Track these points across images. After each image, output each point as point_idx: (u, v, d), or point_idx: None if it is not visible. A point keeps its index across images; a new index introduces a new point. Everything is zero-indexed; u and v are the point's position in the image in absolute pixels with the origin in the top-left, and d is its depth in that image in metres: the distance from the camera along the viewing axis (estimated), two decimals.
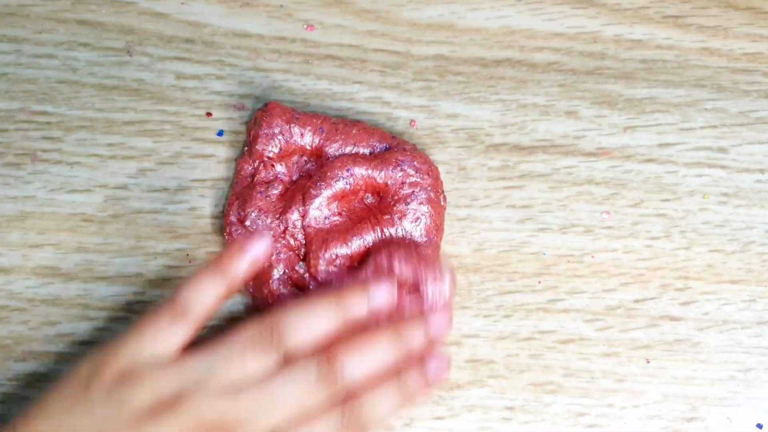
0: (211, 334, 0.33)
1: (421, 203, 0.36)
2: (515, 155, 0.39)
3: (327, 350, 0.31)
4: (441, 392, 0.36)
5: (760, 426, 0.37)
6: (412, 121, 0.39)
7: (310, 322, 0.32)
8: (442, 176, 0.38)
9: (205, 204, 0.38)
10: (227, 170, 0.38)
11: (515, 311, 0.37)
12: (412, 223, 0.36)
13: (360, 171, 0.36)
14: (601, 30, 0.40)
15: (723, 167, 0.39)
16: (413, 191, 0.36)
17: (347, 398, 0.31)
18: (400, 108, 0.39)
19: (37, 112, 0.39)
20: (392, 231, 0.36)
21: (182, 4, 0.40)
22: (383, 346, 0.32)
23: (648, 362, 0.37)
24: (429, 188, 0.36)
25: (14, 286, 0.37)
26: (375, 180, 0.36)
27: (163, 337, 0.31)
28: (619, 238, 0.38)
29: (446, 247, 0.38)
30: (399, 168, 0.36)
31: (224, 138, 0.39)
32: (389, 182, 0.36)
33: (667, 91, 0.40)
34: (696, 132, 0.39)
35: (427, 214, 0.36)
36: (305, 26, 0.40)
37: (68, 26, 0.39)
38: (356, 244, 0.36)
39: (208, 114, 0.39)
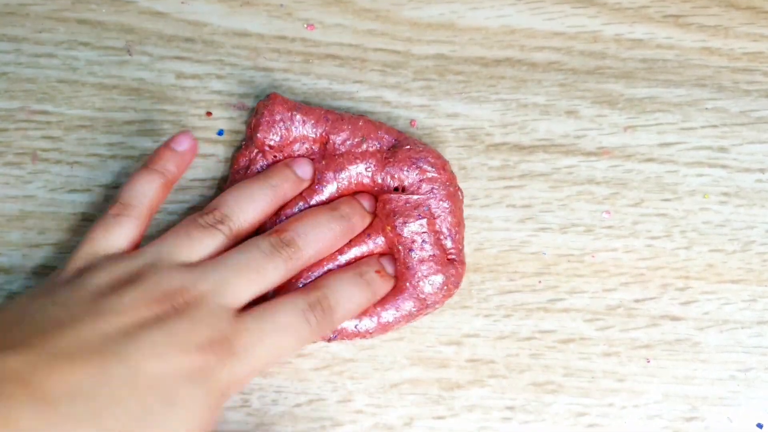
0: None
1: (441, 200, 0.36)
2: (515, 155, 0.39)
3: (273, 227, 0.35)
4: (441, 392, 0.36)
5: (760, 426, 0.37)
6: (412, 120, 0.39)
7: (247, 200, 0.35)
8: None
9: (206, 203, 0.38)
10: (227, 170, 0.38)
11: (515, 311, 0.37)
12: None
13: (367, 173, 0.36)
14: (601, 29, 0.40)
15: (723, 167, 0.39)
16: (432, 188, 0.36)
17: (311, 287, 0.34)
18: (400, 107, 0.39)
19: (36, 112, 0.39)
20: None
21: (182, 3, 0.40)
22: (324, 216, 0.35)
23: (648, 362, 0.37)
24: (447, 183, 0.36)
25: (14, 286, 0.37)
26: (388, 180, 0.36)
27: (112, 233, 0.34)
28: (619, 238, 0.38)
29: None
30: (415, 166, 0.36)
31: (224, 137, 0.38)
32: (406, 183, 0.36)
33: (668, 91, 0.40)
34: (696, 131, 0.39)
35: (447, 210, 0.36)
36: (305, 25, 0.40)
37: (68, 25, 0.39)
38: (369, 248, 0.36)
39: (208, 113, 0.39)
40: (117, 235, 0.34)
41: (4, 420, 0.27)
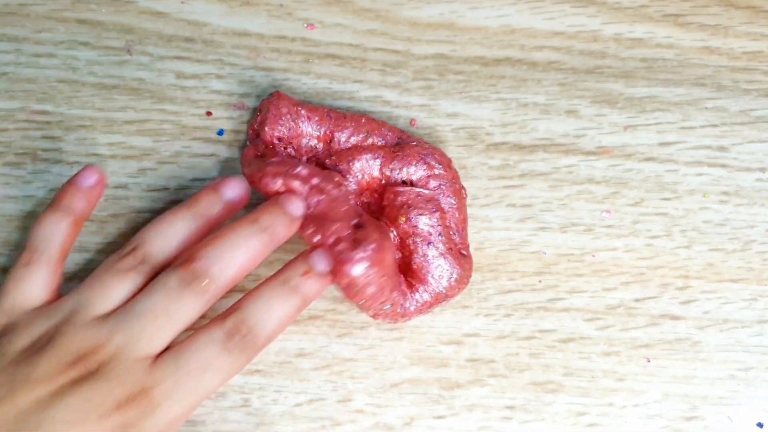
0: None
1: (448, 196, 0.36)
2: (515, 154, 0.39)
3: (186, 254, 0.32)
4: (441, 391, 0.36)
5: (760, 425, 0.37)
6: (412, 120, 0.39)
7: (168, 231, 0.33)
8: None
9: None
10: (228, 170, 0.38)
11: (515, 310, 0.37)
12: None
13: (375, 164, 0.36)
14: (601, 29, 0.40)
15: (723, 166, 0.39)
16: (440, 184, 0.36)
17: (227, 312, 0.32)
18: (400, 107, 0.39)
19: (37, 112, 0.39)
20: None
21: (182, 3, 0.40)
22: (242, 233, 0.32)
23: (648, 361, 0.37)
24: (453, 180, 0.36)
25: None
26: (396, 175, 0.36)
27: (26, 284, 0.33)
28: (619, 237, 0.38)
29: None
30: (423, 161, 0.36)
31: (224, 137, 0.39)
32: (414, 177, 0.36)
33: (668, 90, 0.40)
34: (696, 131, 0.39)
35: (455, 207, 0.36)
36: (305, 25, 0.40)
37: (68, 25, 0.39)
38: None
39: (208, 113, 0.39)
40: (30, 287, 0.33)
41: None
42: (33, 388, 0.29)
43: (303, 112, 0.36)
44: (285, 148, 0.37)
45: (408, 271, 0.35)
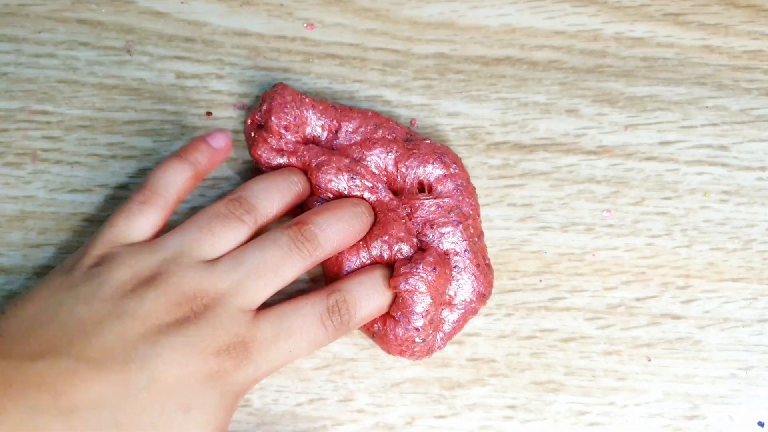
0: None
1: (467, 197, 0.35)
2: (516, 154, 0.39)
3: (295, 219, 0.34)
4: (442, 391, 0.36)
5: (761, 424, 0.37)
6: (412, 119, 0.39)
7: (272, 191, 0.34)
8: None
9: (206, 203, 0.38)
10: (228, 170, 0.38)
11: (516, 310, 0.37)
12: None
13: (390, 159, 0.36)
14: (601, 28, 0.40)
15: (724, 165, 0.39)
16: (457, 185, 0.35)
17: (331, 289, 0.33)
18: (400, 107, 0.39)
19: (37, 112, 0.39)
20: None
21: (182, 3, 0.40)
22: (348, 210, 0.34)
23: (649, 360, 0.37)
24: (467, 179, 0.36)
25: (15, 287, 0.37)
26: (411, 174, 0.36)
27: (135, 221, 0.33)
28: (620, 236, 0.38)
29: None
30: (440, 160, 0.35)
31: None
32: (432, 178, 0.35)
33: (668, 89, 0.40)
34: (697, 130, 0.39)
35: (474, 207, 0.36)
36: (305, 25, 0.40)
37: (68, 25, 0.39)
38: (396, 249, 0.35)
39: (208, 113, 0.39)
40: (140, 224, 0.33)
41: (31, 429, 0.27)
42: (139, 322, 0.30)
43: (307, 100, 0.36)
44: (294, 138, 0.36)
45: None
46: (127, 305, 0.30)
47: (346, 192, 0.35)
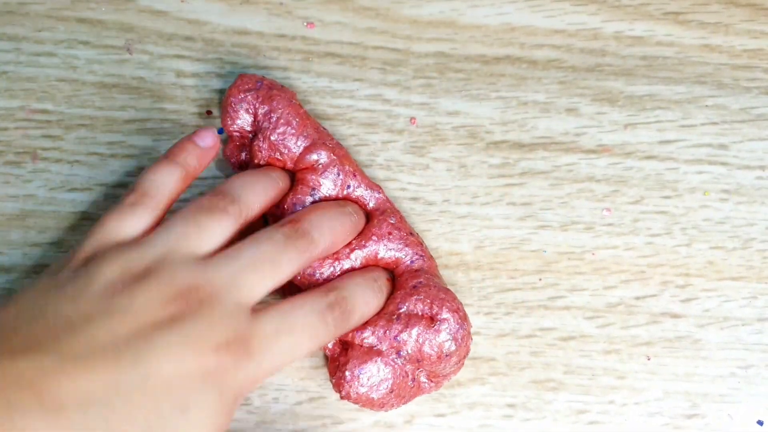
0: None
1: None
2: (516, 152, 0.39)
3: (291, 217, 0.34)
4: (442, 390, 0.36)
5: (761, 423, 0.37)
6: (412, 118, 0.39)
7: (255, 185, 0.34)
8: (443, 173, 0.38)
9: None
10: (227, 168, 0.38)
11: (516, 309, 0.37)
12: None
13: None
14: (601, 27, 0.40)
15: (724, 164, 0.39)
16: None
17: (329, 287, 0.33)
18: (400, 105, 0.39)
19: (37, 111, 0.39)
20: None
21: (182, 1, 0.40)
22: (335, 210, 0.34)
23: (649, 359, 0.37)
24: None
25: (15, 285, 0.37)
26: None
27: (126, 221, 0.32)
28: (619, 235, 0.38)
29: (446, 244, 0.38)
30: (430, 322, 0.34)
31: (224, 136, 0.38)
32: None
33: (668, 88, 0.40)
34: (697, 129, 0.39)
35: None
36: (305, 23, 0.40)
37: (68, 24, 0.39)
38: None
39: (208, 112, 0.39)
40: (130, 225, 0.32)
41: (11, 429, 0.26)
42: (130, 317, 0.29)
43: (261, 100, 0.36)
44: (264, 148, 0.36)
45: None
46: (117, 302, 0.29)
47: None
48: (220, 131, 0.39)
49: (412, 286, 0.34)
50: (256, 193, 0.34)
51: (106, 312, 0.29)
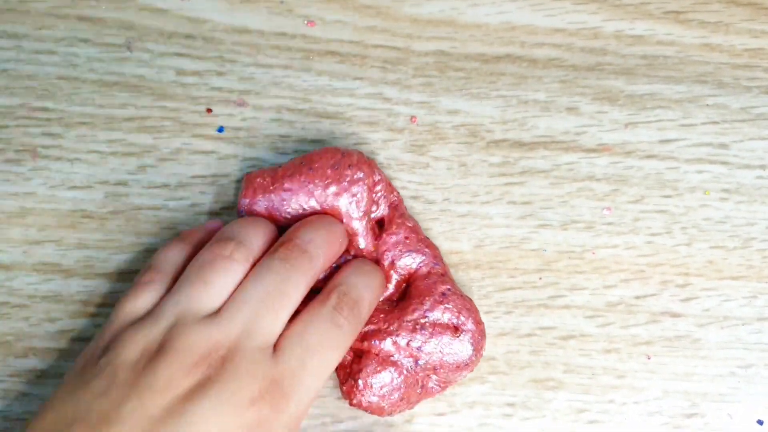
0: None
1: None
2: (516, 151, 0.39)
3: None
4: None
5: (760, 422, 0.37)
6: (412, 117, 0.39)
7: (254, 226, 0.33)
8: (443, 172, 0.38)
9: (206, 200, 0.38)
10: (228, 166, 0.38)
11: (516, 308, 0.37)
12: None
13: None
14: (602, 26, 0.40)
15: (724, 163, 0.39)
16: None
17: (327, 290, 0.33)
18: (400, 104, 0.39)
19: (37, 109, 0.39)
20: None
21: (182, 0, 0.40)
22: (319, 220, 0.34)
23: (648, 358, 0.37)
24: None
25: (15, 283, 0.37)
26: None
27: (140, 298, 0.32)
28: (619, 235, 0.38)
29: (446, 243, 0.38)
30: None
31: (225, 134, 0.38)
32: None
33: (668, 87, 0.40)
34: (697, 128, 0.39)
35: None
36: (306, 22, 0.40)
37: (68, 22, 0.39)
38: None
39: (209, 110, 0.39)
40: (144, 300, 0.32)
41: None
42: (160, 395, 0.28)
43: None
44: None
45: None
46: (143, 382, 0.29)
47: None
48: (221, 130, 0.39)
49: (441, 293, 0.34)
50: (257, 233, 0.33)
51: (135, 395, 0.28)
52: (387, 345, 0.33)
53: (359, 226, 0.34)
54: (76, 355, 0.36)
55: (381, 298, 0.35)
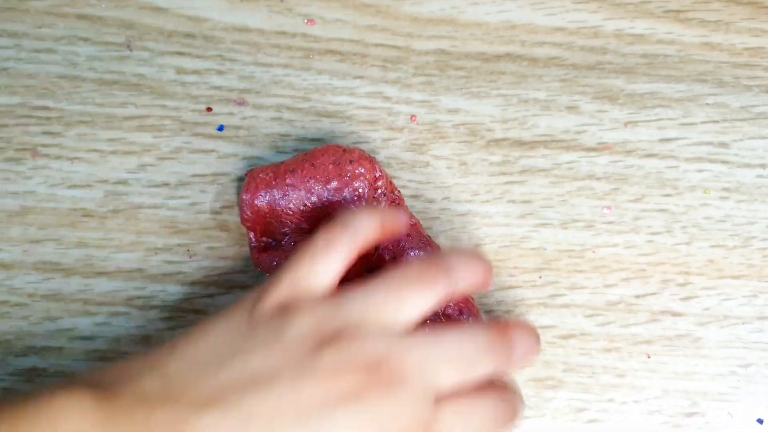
0: None
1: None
2: (516, 150, 0.39)
3: (497, 323, 0.31)
4: None
5: (760, 421, 0.37)
6: (413, 116, 0.39)
7: (468, 261, 0.31)
8: (444, 171, 0.38)
9: (206, 199, 0.38)
10: (228, 165, 0.38)
11: (516, 306, 0.37)
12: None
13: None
14: (602, 25, 0.40)
15: (724, 162, 0.39)
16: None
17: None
18: (400, 103, 0.39)
19: (37, 107, 0.38)
20: None
21: None
22: (531, 332, 0.32)
23: (648, 357, 0.37)
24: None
25: (15, 282, 0.37)
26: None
27: (319, 265, 0.30)
28: (620, 233, 0.38)
29: (447, 242, 0.38)
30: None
31: (224, 133, 0.38)
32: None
33: (669, 86, 0.40)
34: (697, 127, 0.39)
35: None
36: (306, 21, 0.40)
37: (68, 21, 0.39)
38: None
39: (209, 109, 0.39)
40: (322, 269, 0.30)
41: None
42: (318, 383, 0.28)
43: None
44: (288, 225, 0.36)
45: None
46: (305, 364, 0.28)
47: None
48: (221, 128, 0.39)
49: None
50: (472, 271, 0.31)
51: (293, 373, 0.28)
52: None
53: None
54: (76, 354, 0.36)
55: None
